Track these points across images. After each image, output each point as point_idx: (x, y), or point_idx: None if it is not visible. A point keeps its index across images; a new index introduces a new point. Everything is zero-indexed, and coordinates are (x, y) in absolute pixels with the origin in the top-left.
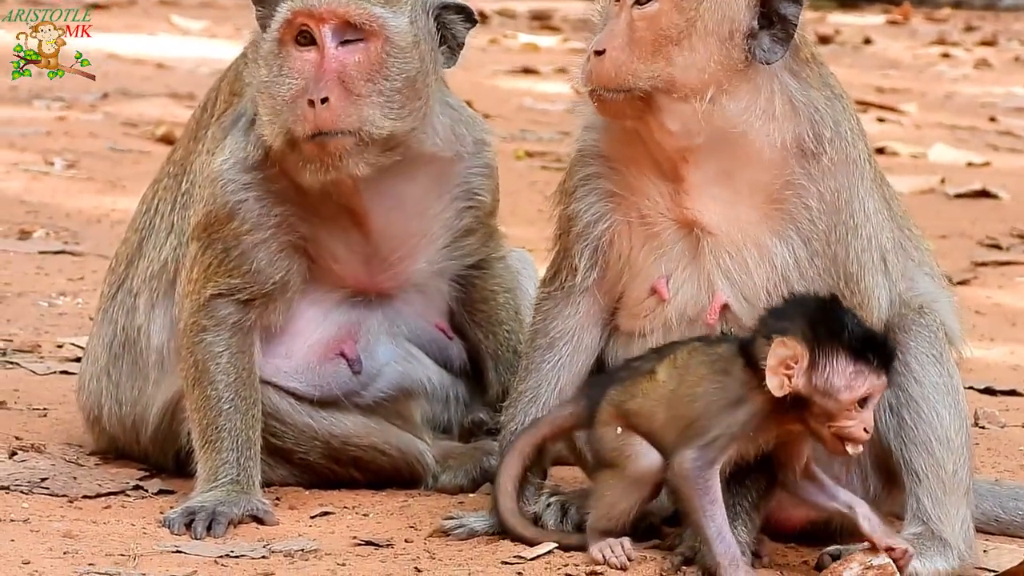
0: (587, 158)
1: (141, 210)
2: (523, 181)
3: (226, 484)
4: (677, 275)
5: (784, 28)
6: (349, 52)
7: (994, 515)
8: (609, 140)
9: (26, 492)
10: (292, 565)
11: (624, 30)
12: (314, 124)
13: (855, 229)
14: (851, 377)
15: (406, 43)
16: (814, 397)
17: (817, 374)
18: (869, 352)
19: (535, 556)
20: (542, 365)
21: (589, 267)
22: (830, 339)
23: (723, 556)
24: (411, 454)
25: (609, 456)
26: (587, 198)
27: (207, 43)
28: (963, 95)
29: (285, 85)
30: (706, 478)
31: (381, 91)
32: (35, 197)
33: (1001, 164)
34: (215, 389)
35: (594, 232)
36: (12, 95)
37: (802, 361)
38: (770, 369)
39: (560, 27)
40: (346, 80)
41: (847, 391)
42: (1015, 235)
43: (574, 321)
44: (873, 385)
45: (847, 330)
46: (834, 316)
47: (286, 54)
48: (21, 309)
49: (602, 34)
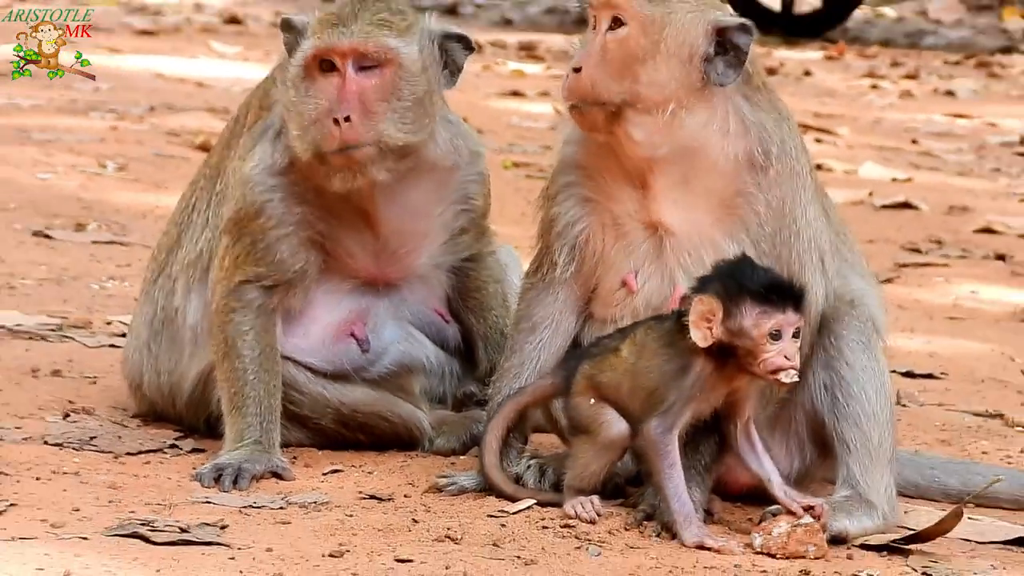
0: (567, 168)
1: (180, 207)
2: (510, 188)
3: (250, 444)
4: (644, 270)
5: (736, 55)
6: (367, 77)
7: (913, 481)
8: (586, 152)
9: (77, 449)
10: (306, 515)
11: (598, 51)
12: (340, 140)
13: (798, 233)
14: (757, 316)
15: (416, 69)
16: (734, 341)
17: (731, 321)
18: (772, 294)
19: (517, 511)
20: (525, 346)
21: (567, 262)
22: (738, 290)
23: (679, 514)
24: (411, 421)
25: (583, 423)
26: (566, 203)
27: (241, 65)
28: (889, 120)
29: (311, 105)
30: (665, 442)
31: (395, 109)
32: (90, 195)
33: (922, 180)
34: (242, 362)
35: (572, 232)
36: (71, 107)
37: (718, 313)
38: (692, 324)
39: (544, 57)
40: (365, 101)
41: (755, 328)
42: (932, 241)
43: (554, 308)
44: (779, 320)
45: (751, 280)
46: (741, 271)
47: (311, 79)
48: (76, 291)
49: (580, 54)
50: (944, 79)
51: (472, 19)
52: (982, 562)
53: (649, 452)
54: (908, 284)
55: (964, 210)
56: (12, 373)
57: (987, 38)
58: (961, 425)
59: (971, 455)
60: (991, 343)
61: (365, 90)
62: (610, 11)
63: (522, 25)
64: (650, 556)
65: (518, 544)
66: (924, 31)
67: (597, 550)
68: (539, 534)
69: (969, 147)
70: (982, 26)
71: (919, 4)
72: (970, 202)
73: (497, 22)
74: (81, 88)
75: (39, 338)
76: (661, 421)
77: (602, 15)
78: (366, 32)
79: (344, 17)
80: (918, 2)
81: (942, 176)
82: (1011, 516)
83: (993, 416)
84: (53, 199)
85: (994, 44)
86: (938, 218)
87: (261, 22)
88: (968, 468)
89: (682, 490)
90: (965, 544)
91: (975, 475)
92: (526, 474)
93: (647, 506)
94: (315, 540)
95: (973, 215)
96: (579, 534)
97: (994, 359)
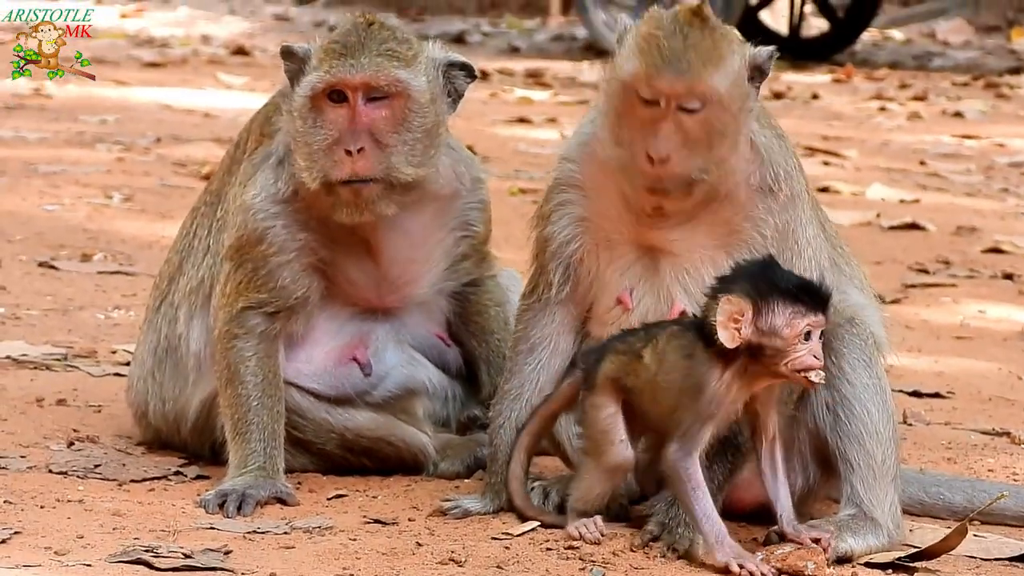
0: (563, 186)
1: (181, 234)
2: (515, 213)
3: (254, 470)
4: (639, 288)
5: (761, 79)
6: (376, 108)
7: (918, 499)
8: (585, 172)
9: (81, 477)
10: (311, 540)
11: (675, 134)
12: (351, 170)
13: (799, 252)
14: (790, 316)
15: (425, 100)
16: (763, 341)
17: (761, 320)
18: (804, 295)
19: (520, 532)
20: (524, 367)
21: (562, 282)
22: (769, 289)
23: (710, 535)
24: (415, 445)
25: (595, 433)
26: (560, 222)
27: (247, 96)
28: (897, 142)
29: (320, 135)
30: (686, 467)
31: (405, 141)
32: (96, 225)
33: (929, 201)
34: (245, 388)
35: (566, 251)
36: (79, 139)
37: (747, 313)
38: (720, 324)
39: (551, 84)
40: (375, 132)
41: (788, 328)
42: (940, 261)
43: (551, 328)
44: (811, 321)
45: (782, 280)
46: (770, 271)
47: (319, 109)
48: (81, 321)
49: (658, 140)
50: (952, 100)
51: (479, 47)
52: None
53: (672, 478)
54: (915, 304)
55: (972, 230)
56: (18, 403)
57: (995, 59)
58: (967, 443)
59: (977, 473)
60: (998, 362)
61: (375, 122)
62: (688, 98)
63: (529, 52)
64: None
65: (522, 566)
66: (932, 53)
67: (601, 572)
68: (543, 556)
69: (977, 168)
70: (990, 47)
71: (927, 26)
72: (978, 222)
73: (504, 49)
74: (88, 120)
75: (44, 368)
76: (681, 445)
77: (674, 100)
78: (376, 64)
79: (351, 48)
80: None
81: (950, 197)
82: (1016, 533)
83: (1000, 434)
84: (59, 230)
85: (1003, 65)
86: (946, 239)
87: (267, 53)
88: (973, 485)
89: (710, 510)
90: (970, 561)
91: (980, 492)
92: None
93: (655, 526)
94: (319, 565)
95: (981, 235)
96: (583, 555)
97: (1001, 378)
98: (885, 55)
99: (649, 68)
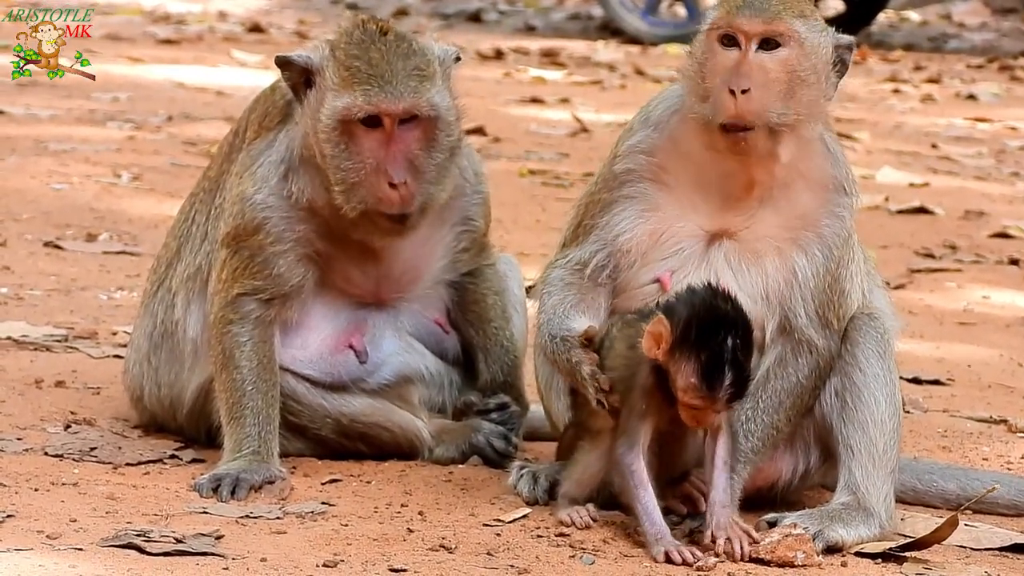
0: (633, 177)
1: (180, 219)
2: (525, 195)
3: (248, 455)
4: (683, 270)
5: (842, 71)
6: (408, 130)
7: (911, 486)
8: (662, 163)
9: (77, 460)
10: (303, 525)
11: (758, 71)
12: (400, 205)
13: (852, 256)
14: (688, 384)
15: (452, 118)
16: (668, 369)
17: (672, 358)
18: (713, 380)
19: (512, 519)
20: (555, 294)
21: (599, 266)
22: (691, 344)
23: (649, 534)
24: (410, 431)
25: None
26: (623, 212)
27: (262, 74)
28: (910, 125)
29: (354, 162)
30: (629, 463)
31: (437, 164)
32: (103, 205)
33: (939, 185)
34: (240, 373)
35: (617, 241)
36: (90, 117)
37: (664, 344)
38: (646, 333)
39: (566, 63)
40: (413, 160)
41: (682, 392)
42: (947, 246)
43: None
44: (704, 401)
45: (710, 348)
46: (711, 327)
47: (351, 133)
48: (83, 301)
49: (736, 75)
50: (966, 83)
51: (496, 25)
52: (977, 568)
53: (615, 474)
54: (920, 289)
55: (980, 215)
56: (16, 384)
57: (1011, 41)
58: (963, 431)
59: (971, 461)
60: (1000, 348)
61: (409, 146)
62: (767, 33)
63: (545, 32)
64: (644, 564)
65: (512, 553)
66: (948, 35)
67: (591, 558)
68: (533, 543)
69: (988, 151)
70: (1006, 29)
71: (943, 8)
72: (986, 207)
73: (520, 28)
74: (100, 98)
75: (44, 349)
76: (623, 441)
77: (752, 36)
78: (413, 90)
79: (380, 70)
80: (942, 5)
81: (959, 181)
82: (1008, 522)
83: (997, 422)
84: (66, 209)
85: (1018, 47)
86: (953, 223)
87: (284, 31)
88: (967, 474)
89: (652, 508)
90: (960, 551)
91: (974, 481)
92: (519, 483)
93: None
94: (310, 550)
95: (989, 220)
96: (573, 543)
97: (1002, 364)
98: (901, 36)
99: (730, 9)
